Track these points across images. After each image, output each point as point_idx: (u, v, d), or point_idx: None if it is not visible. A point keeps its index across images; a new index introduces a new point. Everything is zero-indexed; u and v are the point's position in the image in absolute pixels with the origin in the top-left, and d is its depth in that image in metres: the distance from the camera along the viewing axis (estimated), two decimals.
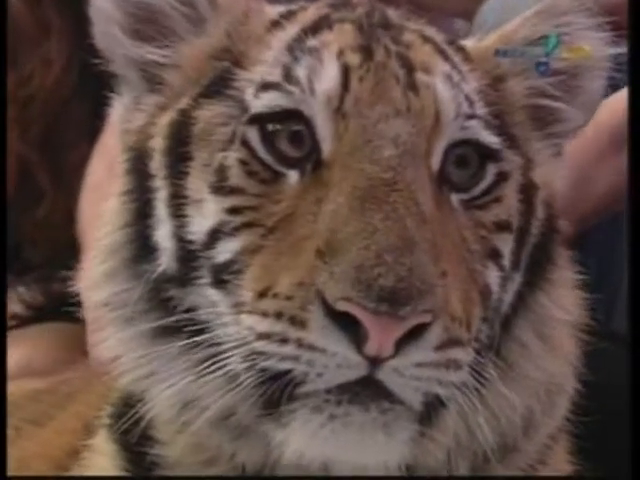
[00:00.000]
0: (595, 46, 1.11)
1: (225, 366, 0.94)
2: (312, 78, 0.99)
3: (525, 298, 1.07)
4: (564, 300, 1.10)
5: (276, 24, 1.08)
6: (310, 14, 1.09)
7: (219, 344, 0.96)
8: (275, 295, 0.92)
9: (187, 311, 1.01)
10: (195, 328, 0.99)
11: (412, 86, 1.00)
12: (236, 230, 0.98)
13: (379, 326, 0.87)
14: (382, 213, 0.90)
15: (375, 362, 0.89)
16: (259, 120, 1.00)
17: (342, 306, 0.88)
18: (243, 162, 0.99)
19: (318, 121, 0.98)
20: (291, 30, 1.05)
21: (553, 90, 1.12)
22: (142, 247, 1.04)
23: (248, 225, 0.97)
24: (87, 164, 1.86)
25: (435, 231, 0.94)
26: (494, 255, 1.02)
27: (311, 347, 0.90)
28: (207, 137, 1.01)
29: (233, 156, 0.99)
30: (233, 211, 0.98)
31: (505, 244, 1.03)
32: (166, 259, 1.02)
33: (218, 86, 1.03)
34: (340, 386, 0.91)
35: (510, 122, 1.08)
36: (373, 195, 0.92)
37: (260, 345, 0.92)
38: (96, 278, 1.09)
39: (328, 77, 0.99)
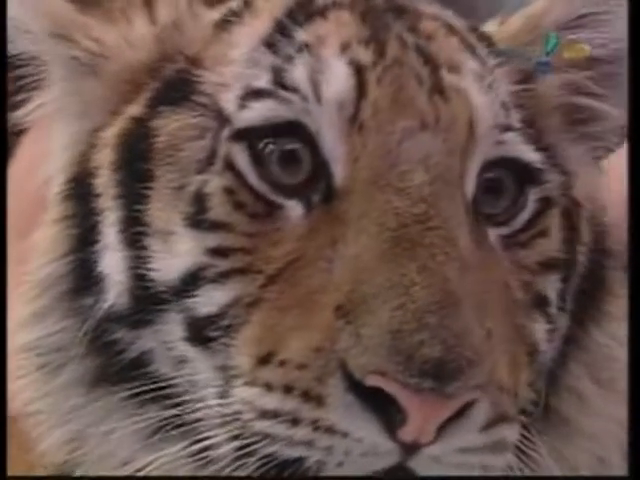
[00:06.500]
0: None
1: (202, 441, 0.78)
2: (316, 81, 0.81)
3: (576, 338, 0.91)
4: (625, 335, 0.93)
5: (226, 20, 0.90)
6: (278, 1, 0.89)
7: (191, 412, 0.79)
8: (282, 363, 0.77)
9: (137, 358, 0.84)
10: (154, 387, 0.82)
11: (439, 89, 0.84)
12: (224, 277, 0.80)
13: (421, 407, 0.72)
14: (418, 260, 0.75)
15: (411, 449, 0.73)
16: (248, 136, 0.81)
17: (373, 381, 0.73)
18: (228, 190, 0.81)
19: (326, 136, 0.81)
20: (258, 23, 0.87)
21: (592, 85, 0.97)
22: (83, 278, 0.87)
23: (241, 271, 0.79)
24: None
25: (478, 280, 0.77)
26: (540, 303, 0.87)
27: (329, 430, 0.75)
28: (174, 153, 0.84)
29: (215, 182, 0.80)
30: (218, 252, 0.80)
31: (552, 287, 0.88)
32: (115, 294, 0.85)
33: (179, 91, 0.85)
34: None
35: (545, 129, 0.93)
36: (405, 236, 0.76)
37: (263, 425, 0.76)
38: (23, 319, 0.90)
39: (337, 78, 0.81)
